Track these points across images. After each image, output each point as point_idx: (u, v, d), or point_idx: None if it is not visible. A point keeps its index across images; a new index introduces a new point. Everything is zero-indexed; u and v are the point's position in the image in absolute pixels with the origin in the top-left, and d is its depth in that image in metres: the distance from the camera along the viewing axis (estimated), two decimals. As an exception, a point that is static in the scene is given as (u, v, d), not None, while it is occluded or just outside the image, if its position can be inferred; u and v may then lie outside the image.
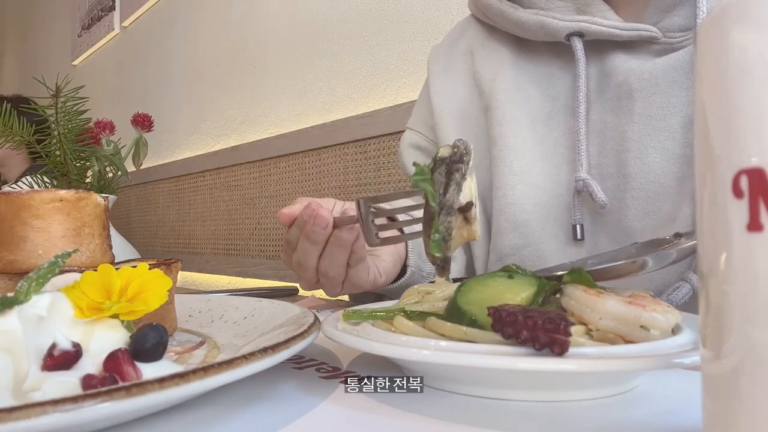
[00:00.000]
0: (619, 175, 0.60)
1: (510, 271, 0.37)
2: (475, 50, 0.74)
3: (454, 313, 0.35)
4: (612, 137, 0.61)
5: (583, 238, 0.62)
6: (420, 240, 0.66)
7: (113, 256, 0.50)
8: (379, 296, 0.72)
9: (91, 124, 0.97)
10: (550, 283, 0.36)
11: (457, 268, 0.71)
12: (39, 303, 0.29)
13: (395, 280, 0.62)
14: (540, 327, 0.29)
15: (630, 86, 0.59)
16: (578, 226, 0.62)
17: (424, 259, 0.65)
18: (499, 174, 0.67)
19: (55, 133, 0.92)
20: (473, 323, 0.33)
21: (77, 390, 0.27)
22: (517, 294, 0.35)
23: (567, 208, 0.63)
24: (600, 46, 0.62)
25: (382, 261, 0.58)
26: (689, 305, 0.54)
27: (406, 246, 0.62)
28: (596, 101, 0.63)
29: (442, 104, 0.75)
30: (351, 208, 0.51)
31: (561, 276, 0.36)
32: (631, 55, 0.61)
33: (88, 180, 0.97)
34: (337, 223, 0.49)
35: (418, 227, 0.44)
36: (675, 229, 0.51)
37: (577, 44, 0.62)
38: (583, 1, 0.63)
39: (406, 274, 0.62)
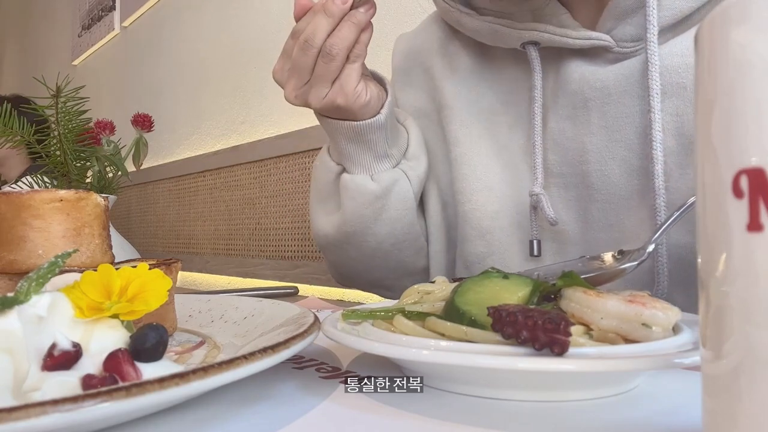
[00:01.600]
0: (583, 185, 0.59)
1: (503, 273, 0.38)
2: (436, 48, 0.72)
3: (453, 313, 0.35)
4: (572, 147, 0.60)
5: (540, 255, 0.60)
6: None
7: (113, 256, 0.50)
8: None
9: (91, 124, 0.97)
10: (545, 284, 0.36)
11: (423, 168, 0.68)
12: (39, 303, 0.29)
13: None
14: (540, 327, 0.29)
15: (584, 95, 0.58)
16: (535, 242, 0.60)
17: (394, 120, 0.65)
18: (462, 177, 0.66)
19: (55, 133, 0.92)
20: (473, 323, 0.33)
21: (77, 390, 0.27)
22: (514, 293, 0.35)
23: (529, 217, 0.62)
24: (558, 51, 0.61)
25: (370, 88, 0.60)
26: None
27: (386, 96, 0.63)
28: (553, 109, 0.61)
29: (401, 100, 0.74)
30: None
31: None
32: (586, 61, 0.59)
33: (88, 180, 0.97)
34: (356, 4, 0.55)
35: None
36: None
37: (533, 53, 0.61)
38: (539, 6, 0.61)
39: (375, 117, 0.61)
